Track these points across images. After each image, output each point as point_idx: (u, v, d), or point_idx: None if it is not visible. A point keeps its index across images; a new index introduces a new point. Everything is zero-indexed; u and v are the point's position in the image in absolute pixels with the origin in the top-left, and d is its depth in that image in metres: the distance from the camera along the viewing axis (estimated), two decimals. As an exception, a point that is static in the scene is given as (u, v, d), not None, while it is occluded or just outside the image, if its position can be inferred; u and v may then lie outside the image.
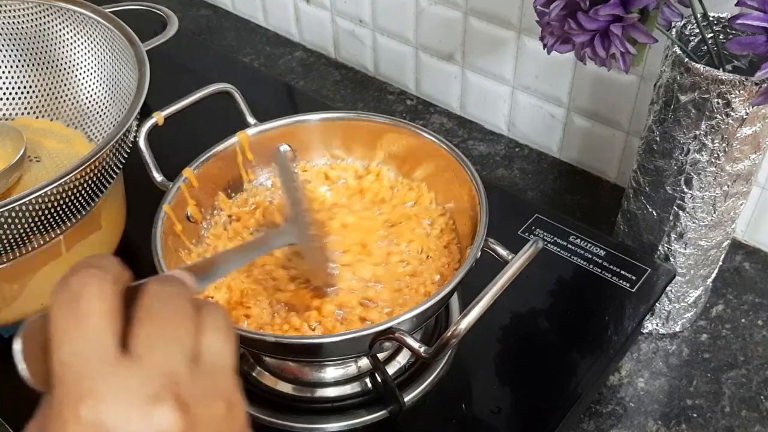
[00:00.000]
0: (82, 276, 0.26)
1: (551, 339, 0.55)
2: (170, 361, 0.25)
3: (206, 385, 0.26)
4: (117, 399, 0.24)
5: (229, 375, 0.27)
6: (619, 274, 0.58)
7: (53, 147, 0.65)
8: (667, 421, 0.55)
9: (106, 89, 0.65)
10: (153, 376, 0.25)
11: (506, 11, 0.71)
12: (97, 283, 0.26)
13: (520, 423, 0.50)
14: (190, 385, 0.25)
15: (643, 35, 0.45)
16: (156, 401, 0.24)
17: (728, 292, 0.65)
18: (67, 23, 0.65)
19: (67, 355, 0.24)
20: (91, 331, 0.25)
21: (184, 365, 0.26)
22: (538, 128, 0.77)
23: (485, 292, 0.42)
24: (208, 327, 0.27)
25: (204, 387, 0.26)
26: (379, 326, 0.42)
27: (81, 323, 0.25)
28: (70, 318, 0.25)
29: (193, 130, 0.61)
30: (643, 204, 0.56)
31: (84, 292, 0.25)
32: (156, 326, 0.26)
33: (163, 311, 0.26)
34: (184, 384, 0.25)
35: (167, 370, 0.25)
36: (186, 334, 0.26)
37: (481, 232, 0.47)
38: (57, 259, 0.55)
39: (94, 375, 0.24)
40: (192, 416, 0.25)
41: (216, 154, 0.55)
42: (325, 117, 0.58)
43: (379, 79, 0.90)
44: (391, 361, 0.52)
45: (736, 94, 0.46)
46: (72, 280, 0.26)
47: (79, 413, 0.23)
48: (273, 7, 0.96)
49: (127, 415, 0.24)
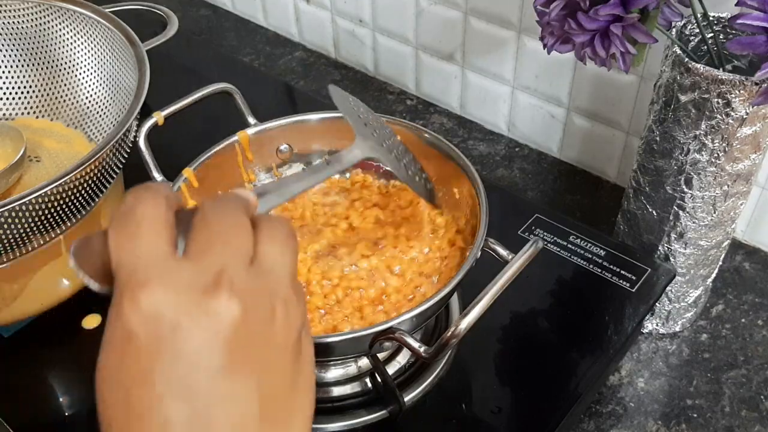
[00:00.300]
0: (136, 192, 0.27)
1: (551, 339, 0.55)
2: (226, 260, 0.26)
3: (262, 284, 0.26)
4: (173, 288, 0.25)
5: (286, 279, 0.28)
6: (619, 274, 0.58)
7: (53, 147, 0.65)
8: (667, 421, 0.55)
9: (106, 89, 0.65)
10: (208, 271, 0.25)
11: (506, 11, 0.71)
12: (151, 196, 0.27)
13: (520, 423, 0.50)
14: (245, 280, 0.26)
15: (643, 35, 0.45)
16: (211, 290, 0.25)
17: (728, 292, 0.65)
18: (67, 23, 0.65)
19: (125, 255, 0.26)
20: (145, 232, 0.26)
21: (240, 263, 0.26)
22: (538, 128, 0.77)
23: (485, 292, 0.42)
24: (266, 236, 0.28)
25: (259, 285, 0.26)
26: (379, 326, 0.42)
27: (136, 228, 0.26)
28: (126, 225, 0.26)
29: (193, 130, 0.61)
30: (643, 204, 0.56)
31: (138, 204, 0.27)
32: (212, 232, 0.27)
33: (220, 220, 0.27)
34: (239, 279, 0.26)
35: (222, 265, 0.26)
36: (242, 240, 0.27)
37: (481, 232, 0.47)
38: (57, 259, 0.55)
39: (150, 269, 0.25)
40: (246, 309, 0.25)
41: (216, 153, 0.55)
42: (325, 117, 0.58)
43: (379, 79, 0.90)
44: (391, 361, 0.52)
45: (736, 94, 0.46)
46: (128, 197, 0.27)
47: (138, 300, 0.24)
48: (273, 7, 0.96)
49: (182, 302, 0.25)
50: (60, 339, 0.56)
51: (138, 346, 0.25)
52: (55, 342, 0.56)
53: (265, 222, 0.28)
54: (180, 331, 0.24)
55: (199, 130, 0.61)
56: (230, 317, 0.25)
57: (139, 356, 0.25)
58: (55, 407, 0.52)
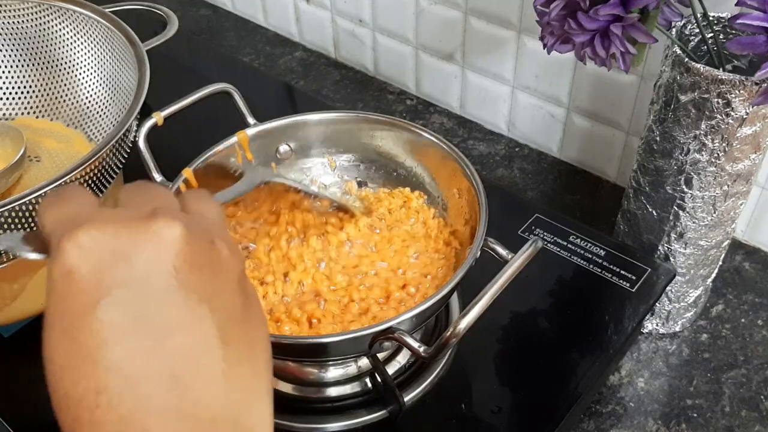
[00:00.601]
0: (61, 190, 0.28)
1: (551, 339, 0.55)
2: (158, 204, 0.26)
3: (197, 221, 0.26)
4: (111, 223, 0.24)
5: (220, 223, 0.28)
6: (619, 274, 0.58)
7: (53, 147, 0.65)
8: (667, 421, 0.55)
9: (106, 89, 0.65)
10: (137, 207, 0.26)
11: (506, 11, 0.71)
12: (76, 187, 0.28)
13: (520, 423, 0.50)
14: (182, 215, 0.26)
15: (643, 35, 0.45)
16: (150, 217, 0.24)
17: (728, 292, 0.65)
18: (67, 23, 0.65)
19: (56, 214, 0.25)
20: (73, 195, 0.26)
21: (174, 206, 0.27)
22: (538, 128, 0.77)
23: (485, 292, 0.42)
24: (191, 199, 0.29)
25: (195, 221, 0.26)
26: (379, 326, 0.42)
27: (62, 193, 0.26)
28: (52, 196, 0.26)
29: (192, 130, 0.61)
30: (643, 204, 0.56)
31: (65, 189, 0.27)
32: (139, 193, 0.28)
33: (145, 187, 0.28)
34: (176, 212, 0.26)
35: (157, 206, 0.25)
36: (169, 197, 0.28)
37: (481, 232, 0.47)
38: (57, 259, 0.55)
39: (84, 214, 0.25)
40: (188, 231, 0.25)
41: (216, 154, 0.55)
42: (325, 117, 0.58)
43: (379, 79, 0.90)
44: (391, 361, 0.52)
45: (736, 94, 0.46)
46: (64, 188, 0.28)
47: (76, 237, 0.23)
48: (273, 7, 0.96)
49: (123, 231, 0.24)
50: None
51: (79, 280, 0.23)
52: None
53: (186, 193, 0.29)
54: (123, 257, 0.23)
55: (199, 130, 0.61)
56: (173, 236, 0.24)
57: (82, 291, 0.23)
58: (55, 407, 0.52)
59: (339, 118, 0.59)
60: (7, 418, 0.51)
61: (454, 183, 0.54)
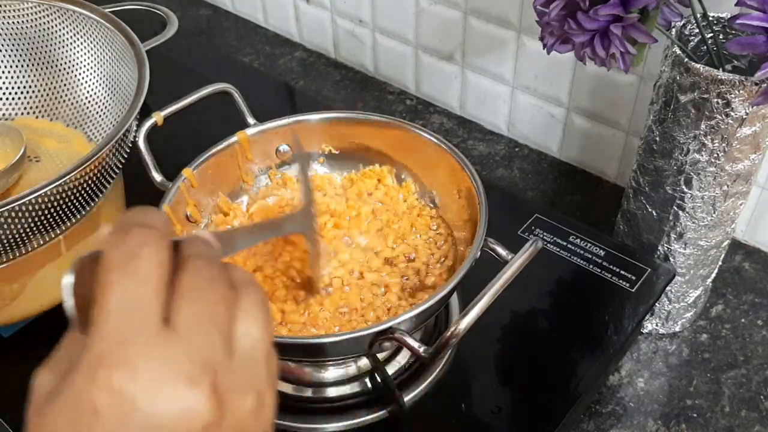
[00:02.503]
0: (141, 233, 0.25)
1: (551, 339, 0.55)
2: (209, 344, 0.25)
3: (239, 376, 0.25)
4: (153, 373, 0.23)
5: (262, 366, 0.27)
6: (618, 274, 0.58)
7: (53, 147, 0.65)
8: (667, 421, 0.55)
9: (106, 89, 0.65)
10: (192, 355, 0.24)
11: (506, 11, 0.71)
12: (155, 245, 0.25)
13: (520, 423, 0.50)
14: (225, 374, 0.25)
15: (643, 35, 0.45)
16: (193, 383, 0.24)
17: (728, 292, 0.65)
18: (67, 23, 0.65)
19: (113, 309, 0.24)
20: (141, 293, 0.24)
21: (221, 351, 0.25)
22: (538, 128, 0.77)
23: (485, 292, 0.42)
24: (245, 312, 0.27)
25: (237, 378, 0.25)
26: (379, 326, 0.42)
27: (133, 283, 0.24)
28: (124, 274, 0.24)
29: (192, 130, 0.62)
30: (642, 204, 0.56)
31: (142, 253, 0.24)
32: (198, 305, 0.25)
33: (205, 290, 0.26)
34: (220, 372, 0.24)
35: (206, 353, 0.24)
36: (224, 318, 0.26)
37: (481, 232, 0.47)
38: (57, 259, 0.55)
39: (134, 341, 0.23)
40: (222, 407, 0.24)
41: (215, 154, 0.55)
42: (325, 117, 0.58)
43: (379, 79, 0.90)
44: (391, 361, 0.52)
45: (735, 94, 0.46)
46: (130, 235, 0.25)
47: (112, 380, 0.23)
48: (273, 7, 0.96)
49: (160, 392, 0.23)
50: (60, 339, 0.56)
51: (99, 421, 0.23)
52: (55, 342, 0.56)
53: (245, 292, 0.27)
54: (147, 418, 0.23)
55: (199, 130, 0.61)
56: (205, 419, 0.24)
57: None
58: (54, 407, 0.52)
59: (339, 118, 0.59)
60: (7, 418, 0.51)
61: (454, 183, 0.54)
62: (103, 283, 0.24)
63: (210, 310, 0.25)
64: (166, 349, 0.24)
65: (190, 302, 0.25)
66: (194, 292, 0.25)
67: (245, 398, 0.25)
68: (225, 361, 0.25)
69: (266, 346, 0.27)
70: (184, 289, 0.25)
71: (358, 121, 0.58)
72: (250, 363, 0.26)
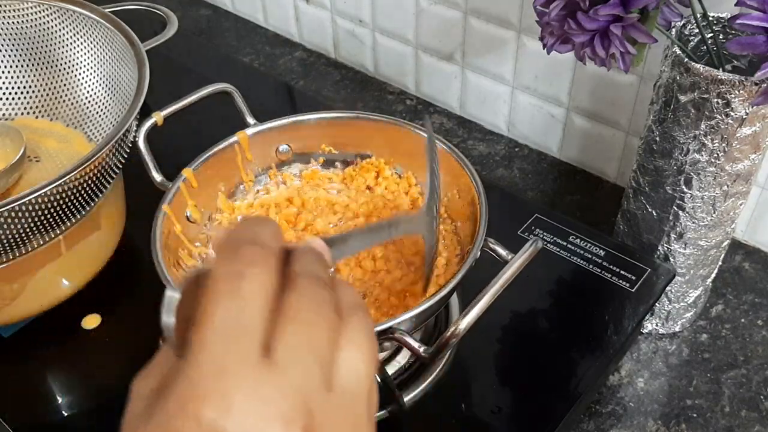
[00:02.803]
0: (252, 252, 0.24)
1: (551, 339, 0.55)
2: (309, 379, 0.23)
3: (336, 415, 0.23)
4: (247, 410, 0.21)
5: (363, 402, 0.25)
6: (618, 274, 0.58)
7: (53, 147, 0.65)
8: (667, 421, 0.55)
9: (106, 89, 0.65)
10: (289, 392, 0.22)
11: (506, 11, 0.71)
12: (263, 265, 0.24)
13: (520, 423, 0.50)
14: (321, 412, 0.23)
15: (643, 35, 0.45)
16: (286, 424, 0.22)
17: (728, 292, 0.65)
18: (67, 23, 0.65)
19: (214, 336, 0.22)
20: (244, 319, 0.23)
21: (321, 387, 0.23)
22: (538, 128, 0.77)
23: (485, 292, 0.42)
24: (350, 341, 0.25)
25: (334, 416, 0.23)
26: (379, 326, 0.42)
27: (237, 307, 0.23)
28: (228, 298, 0.23)
29: (192, 130, 0.62)
30: (642, 204, 0.56)
31: (248, 274, 0.23)
32: (301, 332, 0.23)
33: (311, 316, 0.24)
34: (317, 411, 0.23)
35: (304, 391, 0.23)
36: (327, 347, 0.24)
37: (481, 232, 0.47)
38: (57, 259, 0.55)
39: (232, 372, 0.22)
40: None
41: (215, 154, 0.55)
42: (325, 117, 0.58)
43: (378, 79, 0.90)
44: (391, 361, 0.52)
45: (735, 94, 0.46)
46: (242, 253, 0.24)
47: (204, 413, 0.21)
48: (273, 7, 0.96)
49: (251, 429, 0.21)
50: (60, 339, 0.56)
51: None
52: (54, 342, 0.56)
53: (350, 316, 0.25)
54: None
55: (199, 130, 0.61)
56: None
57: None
58: (54, 407, 0.52)
59: (339, 118, 0.59)
60: (7, 418, 0.51)
61: (454, 183, 0.54)
62: (206, 303, 0.23)
63: (313, 339, 0.24)
64: (264, 383, 0.22)
65: (294, 331, 0.23)
66: (298, 317, 0.24)
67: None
68: (323, 397, 0.23)
69: (369, 378, 0.25)
70: (289, 315, 0.24)
71: (358, 120, 0.58)
72: (350, 399, 0.24)
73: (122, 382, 0.25)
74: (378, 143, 0.58)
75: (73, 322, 0.56)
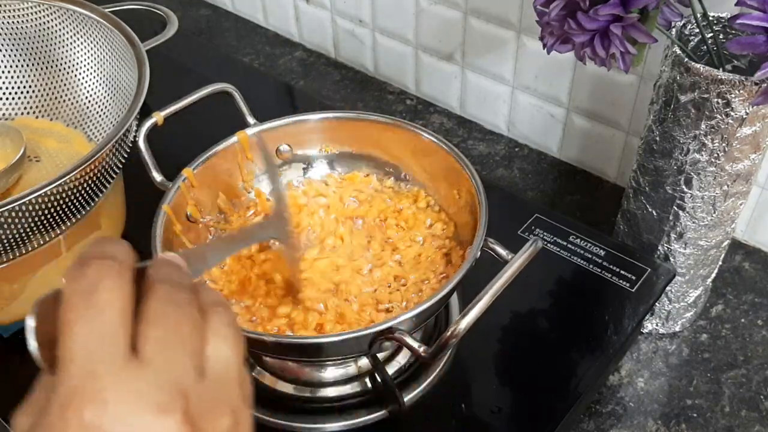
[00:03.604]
0: (98, 266, 0.25)
1: (551, 339, 0.55)
2: (179, 369, 0.24)
3: (212, 398, 0.25)
4: (123, 405, 0.23)
5: (235, 386, 0.27)
6: (619, 274, 0.58)
7: (53, 147, 0.65)
8: (667, 421, 0.55)
9: (106, 89, 0.65)
10: (162, 383, 0.24)
11: (506, 11, 0.71)
12: (114, 276, 0.25)
13: (520, 423, 0.50)
14: (197, 397, 0.24)
15: (643, 35, 0.45)
16: (164, 412, 0.23)
17: (728, 292, 0.65)
18: (67, 23, 0.65)
19: (78, 347, 0.23)
20: (104, 326, 0.24)
21: (192, 374, 0.25)
22: (538, 128, 0.77)
23: (485, 292, 0.42)
24: (215, 333, 0.27)
25: (210, 399, 0.25)
26: (379, 326, 0.42)
27: (94, 317, 0.24)
28: (84, 309, 0.24)
29: (192, 130, 0.61)
30: (642, 204, 0.56)
31: (100, 286, 0.24)
32: (165, 330, 0.25)
33: (172, 315, 0.26)
34: (192, 396, 0.24)
35: (176, 379, 0.24)
36: (195, 341, 0.26)
37: (481, 232, 0.47)
38: (57, 259, 0.55)
39: (102, 374, 0.23)
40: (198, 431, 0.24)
41: (216, 153, 0.55)
42: (325, 117, 0.58)
43: (379, 79, 0.90)
44: (391, 361, 0.52)
45: (735, 94, 0.46)
46: (88, 269, 0.25)
47: (83, 416, 0.22)
48: (273, 7, 0.96)
49: (132, 424, 0.23)
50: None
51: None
52: (54, 342, 0.56)
53: (212, 312, 0.27)
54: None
55: (199, 130, 0.61)
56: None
57: None
58: (54, 407, 0.52)
59: (339, 118, 0.59)
60: (7, 418, 0.51)
61: (454, 183, 0.54)
62: (65, 321, 0.24)
63: (177, 334, 0.25)
64: (135, 379, 0.23)
65: (156, 328, 0.25)
66: (160, 318, 0.25)
67: (220, 419, 0.25)
68: (196, 384, 0.25)
69: (238, 365, 0.27)
70: (149, 316, 0.25)
71: (357, 120, 0.58)
72: (222, 383, 0.26)
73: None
74: (378, 143, 0.58)
75: (73, 322, 0.56)
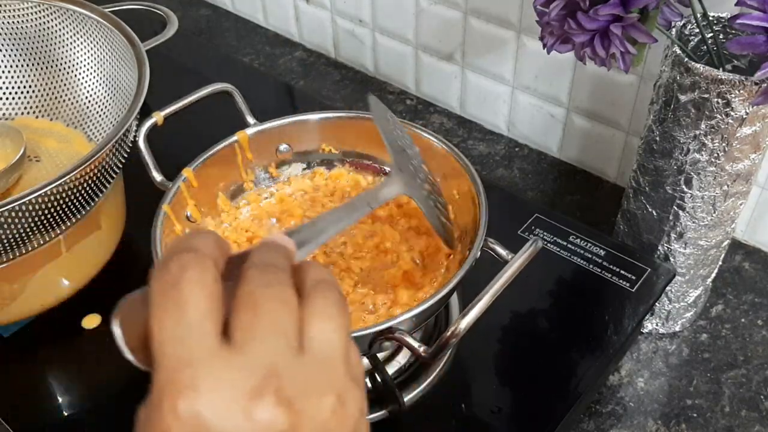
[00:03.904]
0: (180, 259, 0.25)
1: (551, 339, 0.55)
2: (272, 352, 0.24)
3: (311, 378, 0.25)
4: (217, 392, 0.23)
5: (339, 365, 0.26)
6: (619, 273, 0.58)
7: (53, 147, 0.65)
8: (667, 421, 0.55)
9: (106, 89, 0.65)
10: (253, 367, 0.24)
11: (506, 11, 0.71)
12: (197, 268, 0.25)
13: (520, 423, 0.50)
14: (292, 378, 0.24)
15: (643, 35, 0.45)
16: (257, 396, 0.23)
17: (728, 291, 0.65)
18: (67, 23, 0.65)
19: (167, 341, 0.24)
20: (190, 318, 0.24)
21: (288, 356, 0.24)
22: (538, 128, 0.77)
23: (485, 292, 0.42)
24: (315, 312, 0.26)
25: (309, 380, 0.24)
26: (379, 326, 0.42)
27: (179, 310, 0.24)
28: (169, 304, 0.24)
29: (192, 130, 0.61)
30: (642, 204, 0.56)
31: (183, 278, 0.24)
32: (257, 314, 0.24)
33: (265, 298, 0.25)
34: (288, 377, 0.24)
35: (268, 362, 0.24)
36: (289, 322, 0.25)
37: (481, 232, 0.47)
38: (57, 259, 0.55)
39: (193, 364, 0.23)
40: (296, 412, 0.23)
41: (216, 153, 0.55)
42: (325, 117, 0.58)
43: (379, 79, 0.90)
44: (391, 361, 0.52)
45: (735, 94, 0.46)
46: (171, 263, 0.25)
47: (178, 406, 0.23)
48: (273, 7, 0.96)
49: (226, 410, 0.23)
50: (60, 339, 0.56)
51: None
52: (54, 342, 0.56)
53: (313, 291, 0.26)
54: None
55: (199, 130, 0.61)
56: (278, 425, 0.23)
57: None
58: (54, 407, 0.52)
59: (339, 118, 0.59)
60: (6, 418, 0.51)
61: (453, 183, 0.54)
62: (152, 318, 0.24)
63: (267, 316, 0.25)
64: (227, 365, 0.23)
65: (245, 313, 0.24)
66: (248, 302, 0.25)
67: (322, 399, 0.25)
68: (291, 365, 0.24)
69: (342, 343, 0.26)
70: (238, 302, 0.25)
71: (357, 120, 0.58)
72: (324, 363, 0.25)
73: (122, 382, 0.26)
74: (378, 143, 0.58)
75: (73, 322, 0.56)
